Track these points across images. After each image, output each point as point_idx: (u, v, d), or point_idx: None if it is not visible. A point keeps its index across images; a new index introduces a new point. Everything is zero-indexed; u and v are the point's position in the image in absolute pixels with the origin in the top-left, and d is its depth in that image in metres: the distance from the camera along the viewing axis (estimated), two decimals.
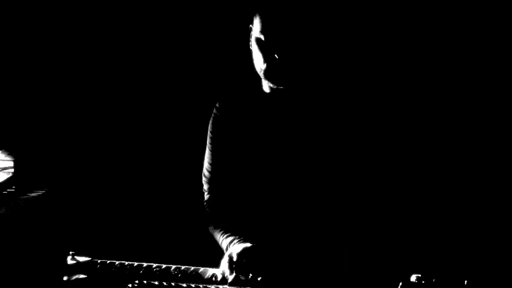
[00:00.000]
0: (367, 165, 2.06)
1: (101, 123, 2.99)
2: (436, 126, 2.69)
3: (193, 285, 1.78)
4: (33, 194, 2.64)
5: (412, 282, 1.67)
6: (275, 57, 1.98)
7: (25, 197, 2.61)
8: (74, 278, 1.82)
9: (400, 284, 1.69)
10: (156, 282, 1.78)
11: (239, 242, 1.97)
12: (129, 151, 2.99)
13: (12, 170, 2.71)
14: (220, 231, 2.11)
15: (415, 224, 2.54)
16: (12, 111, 2.97)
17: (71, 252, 1.87)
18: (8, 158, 2.74)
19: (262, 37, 2.01)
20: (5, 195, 2.62)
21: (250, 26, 2.07)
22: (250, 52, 2.09)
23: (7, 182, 2.67)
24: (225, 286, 1.78)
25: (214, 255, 1.95)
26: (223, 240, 2.07)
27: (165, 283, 1.78)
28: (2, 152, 2.76)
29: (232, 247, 1.96)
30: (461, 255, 2.63)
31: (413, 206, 2.42)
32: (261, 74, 2.05)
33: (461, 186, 2.68)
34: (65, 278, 1.82)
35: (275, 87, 2.05)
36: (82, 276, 1.82)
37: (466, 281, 1.65)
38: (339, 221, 2.05)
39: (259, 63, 2.03)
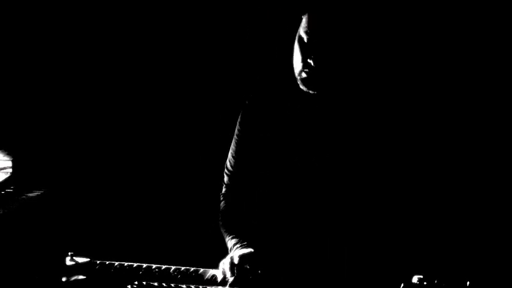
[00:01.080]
0: (378, 167, 2.05)
1: (100, 123, 2.98)
2: (438, 129, 2.69)
3: (193, 286, 1.77)
4: (31, 194, 2.63)
5: (414, 283, 1.67)
6: (311, 63, 1.96)
7: (24, 197, 2.60)
8: (73, 279, 1.81)
9: (402, 285, 1.68)
10: (156, 283, 1.78)
11: (241, 247, 1.96)
12: (129, 151, 2.99)
13: (11, 170, 2.71)
14: (227, 231, 2.10)
15: (417, 224, 2.54)
16: (11, 111, 2.96)
17: (69, 253, 1.86)
18: (6, 157, 2.74)
19: (305, 37, 1.98)
20: (3, 195, 2.61)
21: (302, 16, 2.03)
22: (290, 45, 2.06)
23: (6, 182, 2.66)
24: (224, 287, 1.77)
25: (214, 256, 1.95)
26: (228, 240, 2.06)
27: (164, 284, 1.77)
28: (0, 152, 2.75)
29: (234, 251, 1.95)
30: (463, 256, 2.62)
31: (415, 206, 2.42)
32: (296, 74, 2.02)
33: (463, 187, 2.67)
34: (64, 279, 1.81)
35: (306, 90, 2.03)
36: (81, 277, 1.81)
37: (468, 282, 1.65)
38: (343, 221, 2.04)
39: (296, 62, 2.01)
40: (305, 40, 1.99)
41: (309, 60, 1.97)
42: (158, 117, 2.96)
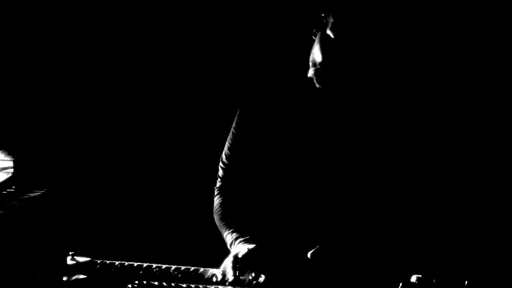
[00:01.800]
0: (377, 167, 2.05)
1: (101, 123, 2.99)
2: (443, 132, 2.69)
3: (193, 286, 1.78)
4: (33, 194, 2.63)
5: (413, 283, 1.67)
6: (335, 63, 1.94)
7: (25, 197, 2.60)
8: (73, 278, 1.82)
9: (401, 284, 1.69)
10: (156, 283, 1.78)
11: (244, 241, 1.96)
12: (129, 151, 2.99)
13: (12, 170, 2.71)
14: (225, 224, 2.09)
15: (416, 224, 2.55)
16: (12, 111, 2.97)
17: (70, 253, 1.87)
18: (7, 157, 2.74)
19: (331, 34, 1.95)
20: (4, 195, 2.61)
21: (323, 15, 2.00)
22: (305, 40, 2.05)
23: (7, 182, 2.67)
24: (224, 286, 1.78)
25: (214, 256, 1.95)
26: (227, 234, 2.04)
27: (165, 283, 1.78)
28: (1, 152, 2.76)
29: (236, 246, 1.95)
30: (462, 256, 2.63)
31: (414, 206, 2.43)
32: (311, 70, 2.00)
33: (462, 187, 2.67)
34: (65, 279, 1.81)
35: (319, 87, 2.01)
36: (82, 276, 1.82)
37: (466, 282, 1.65)
38: (340, 220, 2.05)
39: (316, 57, 1.98)
40: (332, 36, 1.94)
41: (332, 60, 1.94)
42: (158, 115, 2.97)
